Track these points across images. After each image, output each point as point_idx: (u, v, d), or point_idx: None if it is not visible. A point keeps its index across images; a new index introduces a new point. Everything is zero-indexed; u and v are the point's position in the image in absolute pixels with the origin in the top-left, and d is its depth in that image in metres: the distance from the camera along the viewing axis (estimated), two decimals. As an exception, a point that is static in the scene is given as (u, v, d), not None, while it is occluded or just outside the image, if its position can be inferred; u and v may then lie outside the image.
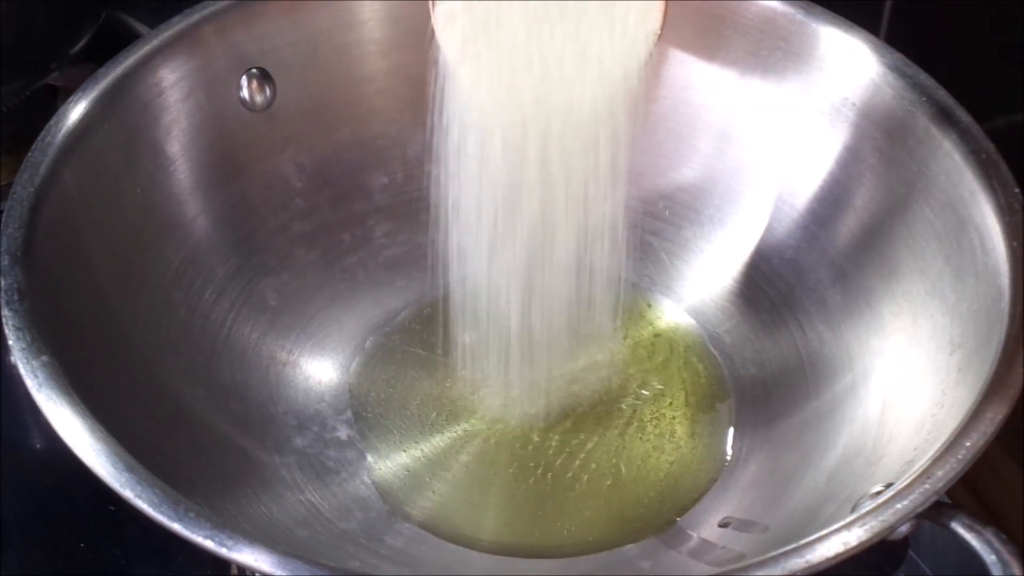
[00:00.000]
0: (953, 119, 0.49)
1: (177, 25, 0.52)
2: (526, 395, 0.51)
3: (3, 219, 0.44)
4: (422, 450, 0.52)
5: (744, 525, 0.47)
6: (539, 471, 0.50)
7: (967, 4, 0.71)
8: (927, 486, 0.37)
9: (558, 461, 0.50)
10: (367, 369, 0.55)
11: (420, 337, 0.56)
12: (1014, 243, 0.44)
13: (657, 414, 0.53)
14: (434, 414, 0.53)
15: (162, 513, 0.36)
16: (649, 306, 0.57)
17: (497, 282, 0.47)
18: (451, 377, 0.54)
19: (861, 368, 0.49)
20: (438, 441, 0.52)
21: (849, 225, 0.52)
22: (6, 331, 0.41)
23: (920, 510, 0.37)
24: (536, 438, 0.51)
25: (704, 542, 0.47)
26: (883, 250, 0.50)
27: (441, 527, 0.49)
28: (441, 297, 0.52)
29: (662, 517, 0.49)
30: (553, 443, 0.51)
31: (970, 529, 0.37)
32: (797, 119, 0.54)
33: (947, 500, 0.38)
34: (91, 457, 0.38)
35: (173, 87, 0.52)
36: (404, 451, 0.52)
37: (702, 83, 0.56)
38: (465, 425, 0.52)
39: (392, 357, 0.55)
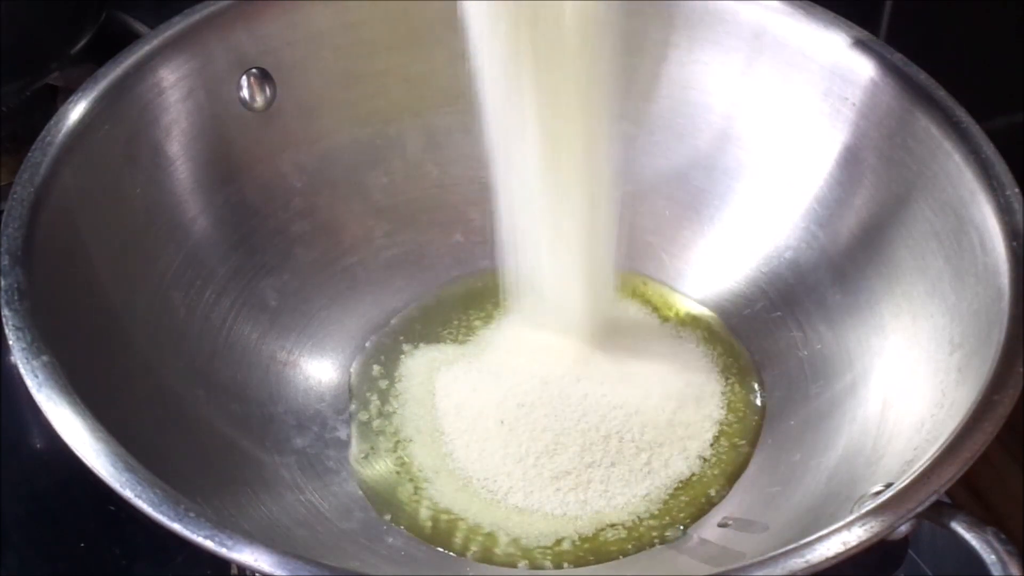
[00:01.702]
0: (953, 119, 0.49)
1: (177, 25, 0.52)
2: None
3: (3, 219, 0.44)
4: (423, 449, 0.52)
5: (744, 525, 0.47)
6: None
7: (967, 4, 0.71)
8: (927, 486, 0.37)
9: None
10: (367, 369, 0.55)
11: (419, 336, 0.56)
12: (1014, 243, 0.44)
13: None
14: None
15: (162, 513, 0.36)
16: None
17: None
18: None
19: (861, 368, 0.49)
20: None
21: (849, 225, 0.53)
22: (6, 331, 0.41)
23: (920, 510, 0.37)
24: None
25: (704, 542, 0.47)
26: (883, 250, 0.50)
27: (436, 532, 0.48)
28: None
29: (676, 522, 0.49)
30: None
31: (970, 529, 0.37)
32: (797, 119, 0.54)
33: (947, 500, 0.38)
34: (91, 457, 0.38)
35: (173, 87, 0.52)
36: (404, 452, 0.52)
37: (702, 83, 0.56)
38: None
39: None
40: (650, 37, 0.57)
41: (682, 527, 0.48)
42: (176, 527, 0.36)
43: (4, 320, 0.41)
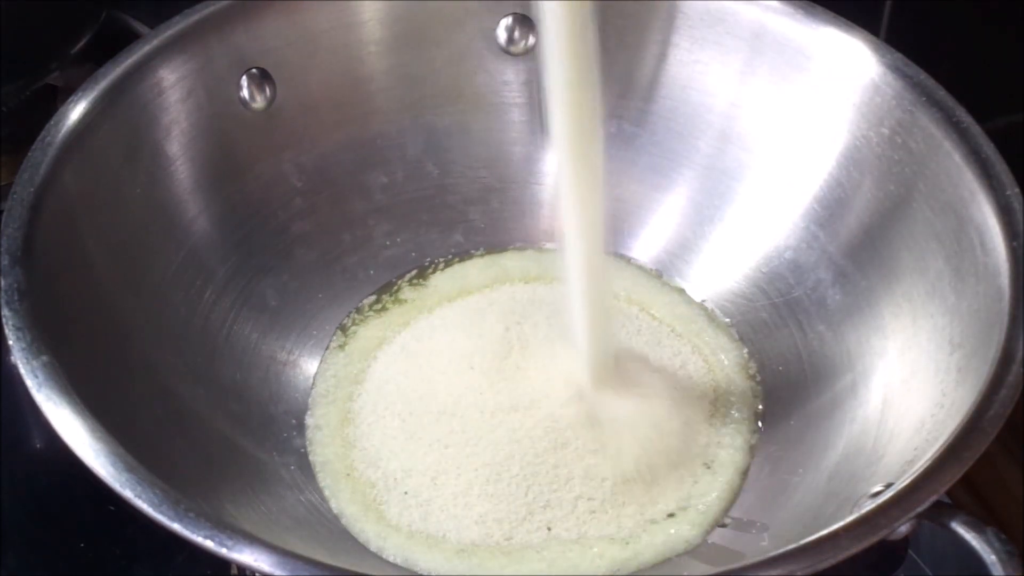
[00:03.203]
0: (953, 119, 0.49)
1: (177, 25, 0.52)
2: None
3: (3, 219, 0.44)
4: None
5: (744, 525, 0.47)
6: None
7: (967, 4, 0.71)
8: (927, 486, 0.37)
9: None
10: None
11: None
12: (1014, 243, 0.44)
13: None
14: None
15: (162, 513, 0.36)
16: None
17: None
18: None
19: (861, 368, 0.49)
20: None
21: (849, 225, 0.52)
22: (6, 331, 0.41)
23: (920, 510, 0.37)
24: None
25: (704, 542, 0.47)
26: (883, 250, 0.50)
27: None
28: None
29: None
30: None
31: (970, 529, 0.37)
32: (797, 119, 0.54)
33: (947, 500, 0.38)
34: (91, 457, 0.38)
35: (173, 87, 0.52)
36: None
37: (702, 83, 0.56)
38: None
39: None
40: (650, 37, 0.57)
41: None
42: (176, 527, 0.36)
43: (4, 320, 0.41)
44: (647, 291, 0.57)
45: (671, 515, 0.48)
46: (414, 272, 0.57)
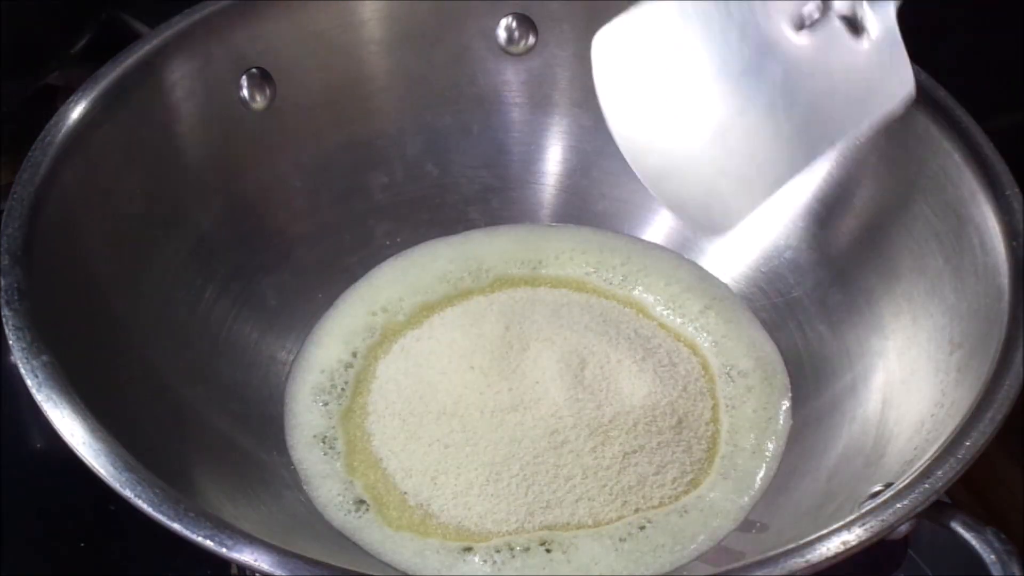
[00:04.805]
0: (953, 119, 0.49)
1: (177, 25, 0.52)
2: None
3: (3, 219, 0.44)
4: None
5: (744, 525, 0.47)
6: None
7: (967, 4, 0.71)
8: (927, 486, 0.37)
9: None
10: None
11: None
12: (1014, 243, 0.44)
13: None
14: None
15: (162, 513, 0.36)
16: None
17: None
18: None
19: (861, 368, 0.49)
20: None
21: (849, 225, 0.53)
22: (6, 331, 0.41)
23: (920, 510, 0.37)
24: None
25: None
26: (883, 250, 0.50)
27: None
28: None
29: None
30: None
31: (970, 529, 0.37)
32: (797, 119, 0.54)
33: (947, 500, 0.38)
34: (91, 457, 0.38)
35: (173, 87, 0.52)
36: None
37: (702, 83, 0.56)
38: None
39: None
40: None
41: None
42: (176, 527, 0.36)
43: (4, 320, 0.41)
44: (652, 280, 0.57)
45: (682, 515, 0.48)
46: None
